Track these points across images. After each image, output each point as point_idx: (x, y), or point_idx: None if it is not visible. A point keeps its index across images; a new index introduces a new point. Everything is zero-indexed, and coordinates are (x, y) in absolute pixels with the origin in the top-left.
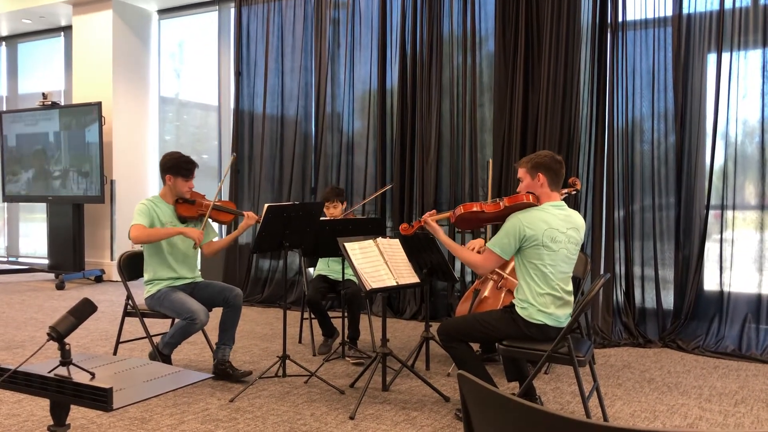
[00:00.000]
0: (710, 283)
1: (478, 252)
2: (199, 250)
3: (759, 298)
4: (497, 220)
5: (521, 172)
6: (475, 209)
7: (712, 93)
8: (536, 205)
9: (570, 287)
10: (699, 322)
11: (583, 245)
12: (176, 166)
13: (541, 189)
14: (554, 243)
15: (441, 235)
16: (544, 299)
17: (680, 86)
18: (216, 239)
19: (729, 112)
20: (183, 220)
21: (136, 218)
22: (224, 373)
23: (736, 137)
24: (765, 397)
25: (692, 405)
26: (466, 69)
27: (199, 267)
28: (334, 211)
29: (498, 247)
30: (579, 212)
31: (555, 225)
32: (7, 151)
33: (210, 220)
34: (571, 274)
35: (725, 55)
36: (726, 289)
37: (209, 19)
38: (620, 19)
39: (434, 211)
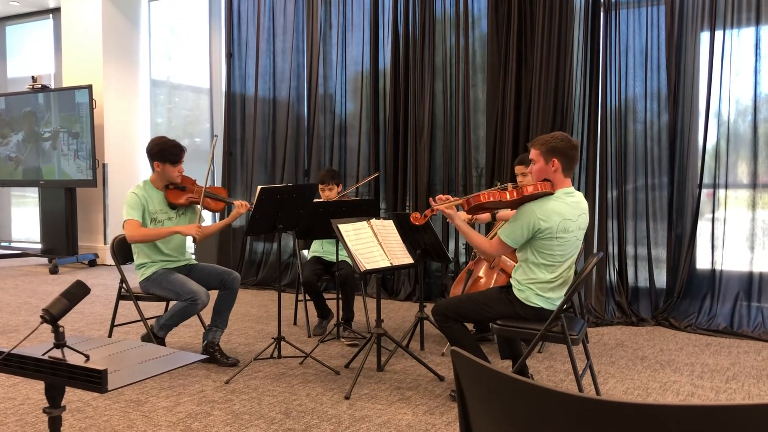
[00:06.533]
0: (702, 261)
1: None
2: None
3: (750, 276)
4: (513, 208)
5: (534, 153)
6: (491, 199)
7: (705, 72)
8: (551, 193)
9: (572, 271)
10: (691, 300)
11: None
12: (163, 151)
13: (554, 175)
14: (566, 233)
15: (457, 220)
16: (545, 285)
17: (673, 65)
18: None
19: (722, 91)
20: (173, 206)
21: (128, 212)
22: (212, 357)
23: (728, 116)
24: (756, 373)
25: (684, 382)
26: (459, 49)
27: (192, 250)
28: (329, 193)
29: (510, 238)
30: None
31: (568, 215)
32: None
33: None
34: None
35: (718, 34)
36: (718, 267)
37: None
38: None
39: (448, 196)
